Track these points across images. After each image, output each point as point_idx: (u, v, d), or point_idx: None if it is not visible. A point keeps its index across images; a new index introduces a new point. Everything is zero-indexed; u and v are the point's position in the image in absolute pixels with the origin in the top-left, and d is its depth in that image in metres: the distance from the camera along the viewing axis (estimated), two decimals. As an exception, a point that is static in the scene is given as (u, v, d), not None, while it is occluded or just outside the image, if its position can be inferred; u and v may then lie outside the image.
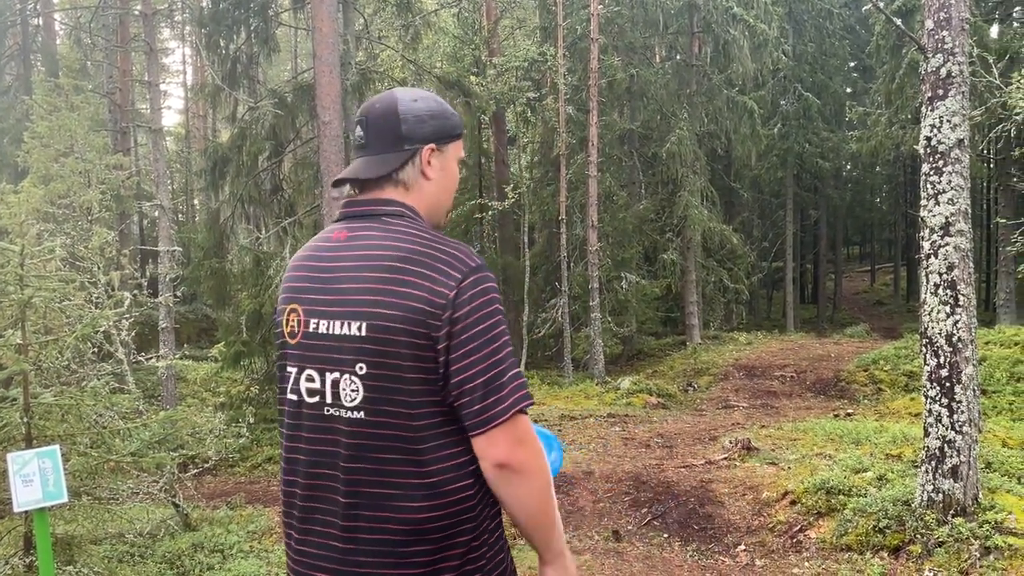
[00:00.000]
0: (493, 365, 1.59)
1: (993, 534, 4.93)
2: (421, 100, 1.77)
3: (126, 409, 5.93)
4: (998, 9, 19.94)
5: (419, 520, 1.59)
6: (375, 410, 1.58)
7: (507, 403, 1.58)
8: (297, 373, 1.69)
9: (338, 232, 1.72)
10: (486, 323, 1.59)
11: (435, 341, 1.56)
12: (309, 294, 1.69)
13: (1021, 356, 11.97)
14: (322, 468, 1.65)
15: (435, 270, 1.59)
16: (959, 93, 5.24)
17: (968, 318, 5.25)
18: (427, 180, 1.76)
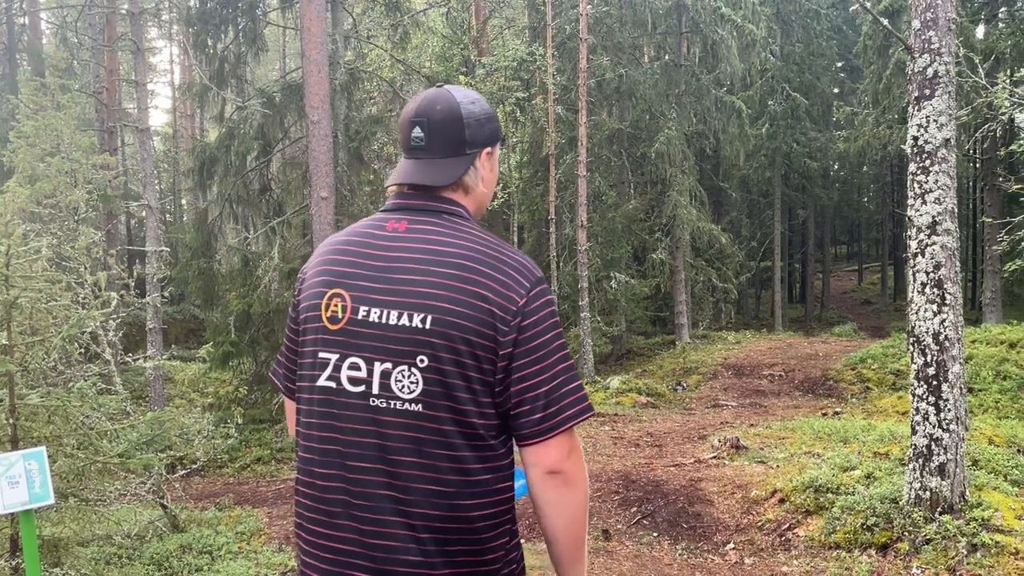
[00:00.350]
0: (559, 374, 1.62)
1: (980, 531, 4.96)
2: (477, 102, 1.77)
3: (113, 410, 5.90)
4: (984, 10, 20.07)
5: (470, 519, 1.60)
6: (434, 404, 1.57)
7: (570, 412, 1.62)
8: (338, 360, 1.65)
9: (394, 223, 1.70)
10: (552, 332, 1.62)
11: (499, 345, 1.57)
12: (358, 280, 1.66)
13: (1007, 354, 12.06)
14: (363, 461, 1.61)
15: (506, 275, 1.61)
16: (946, 93, 5.27)
17: (955, 317, 5.29)
18: (483, 183, 1.79)
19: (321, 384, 1.67)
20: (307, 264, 1.81)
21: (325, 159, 11.56)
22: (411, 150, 1.76)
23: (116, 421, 5.92)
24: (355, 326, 1.63)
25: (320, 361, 1.67)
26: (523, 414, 1.60)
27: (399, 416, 1.58)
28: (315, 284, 1.72)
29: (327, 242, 1.80)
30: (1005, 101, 9.67)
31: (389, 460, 1.58)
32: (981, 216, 22.28)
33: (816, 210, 31.55)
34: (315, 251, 1.82)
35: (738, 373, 15.17)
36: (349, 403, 1.63)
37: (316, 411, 1.68)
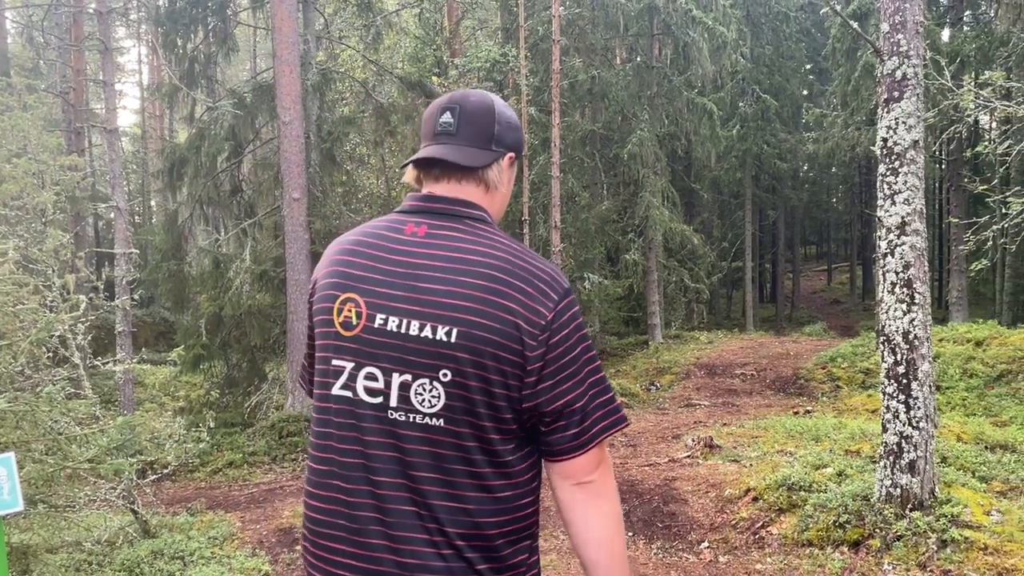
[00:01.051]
0: (592, 387, 1.58)
1: (950, 527, 5.03)
2: (508, 109, 1.73)
3: (82, 415, 5.81)
4: (949, 13, 20.40)
5: (491, 536, 1.55)
6: (457, 419, 1.52)
7: (604, 424, 1.59)
8: (354, 368, 1.58)
9: (413, 226, 1.63)
10: (581, 346, 1.58)
11: (527, 361, 1.52)
12: (375, 286, 1.58)
13: (973, 353, 12.26)
14: (387, 476, 1.55)
15: (534, 287, 1.55)
16: (914, 95, 5.35)
17: (924, 316, 5.36)
18: (503, 186, 1.73)
19: (337, 393, 1.60)
20: (318, 266, 1.75)
21: (297, 160, 11.48)
22: (436, 135, 1.68)
23: (85, 426, 5.83)
24: (371, 334, 1.56)
25: (334, 368, 1.61)
26: (558, 430, 1.56)
27: (419, 431, 1.53)
28: (326, 286, 1.65)
29: (337, 242, 1.73)
30: (970, 103, 9.83)
31: (409, 475, 1.53)
32: (947, 217, 22.61)
33: (786, 211, 31.90)
34: (326, 251, 1.75)
35: (711, 373, 15.28)
36: (368, 415, 1.57)
37: (335, 421, 1.61)
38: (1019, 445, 7.51)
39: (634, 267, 18.93)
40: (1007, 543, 4.88)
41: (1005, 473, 6.55)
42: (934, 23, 18.55)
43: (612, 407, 1.61)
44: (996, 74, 9.84)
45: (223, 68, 18.01)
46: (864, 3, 18.70)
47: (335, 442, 1.60)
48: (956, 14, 20.45)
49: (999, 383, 11.33)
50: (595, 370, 1.59)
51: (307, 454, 1.72)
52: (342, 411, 1.59)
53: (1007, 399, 10.82)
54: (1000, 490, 6.22)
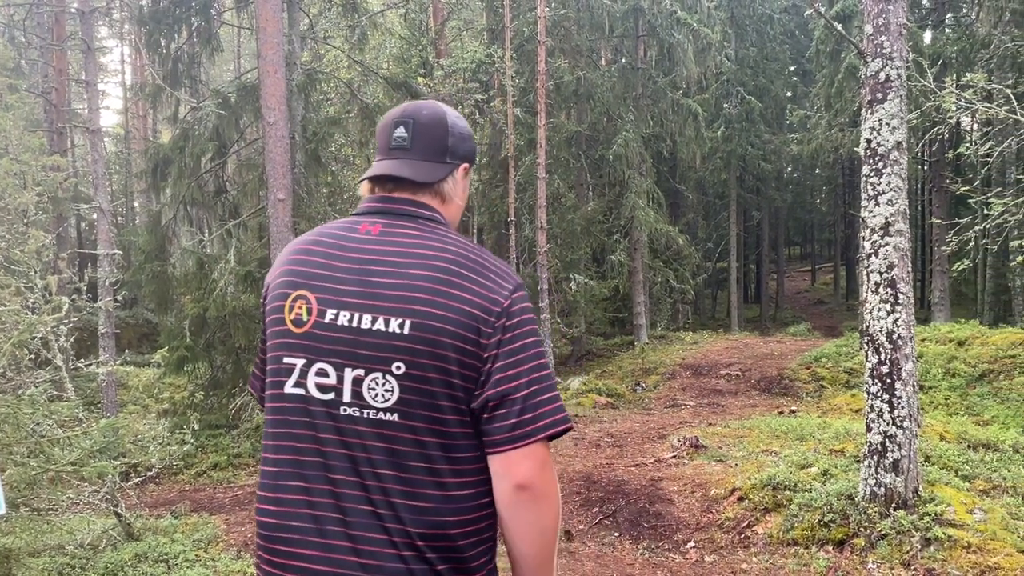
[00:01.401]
0: (538, 380, 1.55)
1: (933, 526, 5.07)
2: (462, 119, 1.76)
3: (65, 417, 5.76)
4: (931, 15, 20.57)
5: (452, 536, 1.52)
6: (411, 413, 1.50)
7: (545, 422, 1.54)
8: (305, 365, 1.56)
9: (367, 225, 1.64)
10: (532, 338, 1.57)
11: (483, 348, 1.52)
12: (327, 282, 1.58)
13: (955, 352, 12.36)
14: (341, 474, 1.52)
15: (488, 278, 1.57)
16: (897, 96, 5.38)
17: (908, 316, 5.40)
18: (457, 197, 1.75)
19: (289, 391, 1.58)
20: (272, 268, 1.75)
21: (282, 161, 11.43)
22: (391, 150, 1.69)
23: (68, 428, 5.78)
24: (322, 329, 1.55)
25: (285, 367, 1.59)
26: (497, 418, 1.52)
27: (374, 426, 1.51)
28: (279, 286, 1.65)
29: (292, 243, 1.73)
30: (952, 105, 9.92)
31: (366, 473, 1.51)
32: (930, 218, 22.80)
33: (770, 212, 32.05)
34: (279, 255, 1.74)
35: (696, 373, 15.33)
36: (321, 412, 1.54)
37: (290, 420, 1.58)
38: (1001, 444, 7.57)
39: (620, 268, 18.97)
40: (990, 541, 4.92)
41: (988, 472, 6.60)
42: (916, 25, 18.70)
43: (555, 406, 1.56)
44: (978, 76, 9.94)
45: (207, 68, 17.91)
46: (848, 5, 18.82)
47: (292, 441, 1.57)
48: (938, 16, 20.62)
49: (981, 382, 11.42)
50: (542, 366, 1.57)
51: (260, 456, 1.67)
52: (296, 409, 1.57)
53: (989, 398, 10.91)
54: (983, 489, 6.27)
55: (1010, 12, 15.90)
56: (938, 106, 10.10)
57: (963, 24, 20.40)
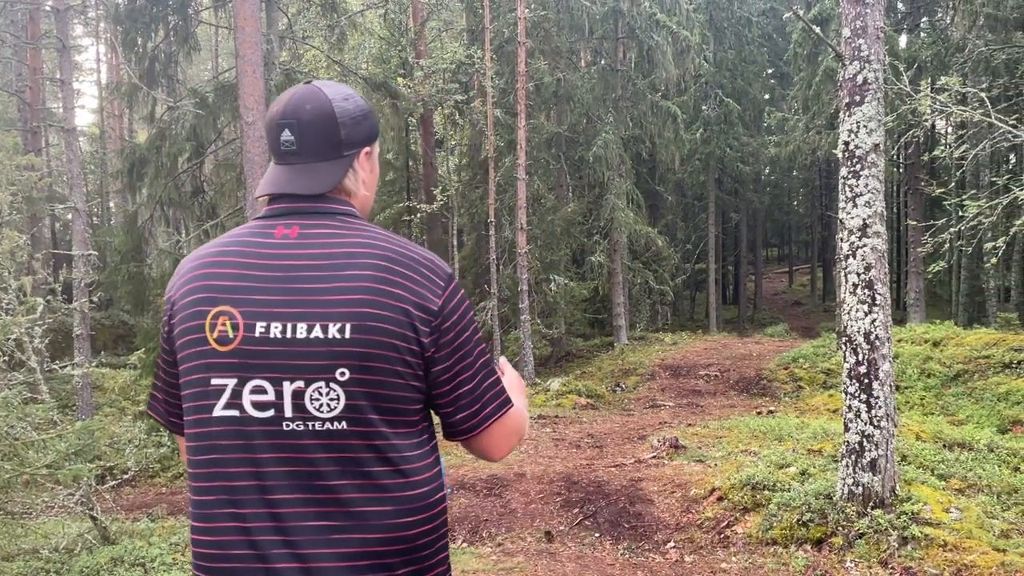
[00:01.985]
0: (480, 370, 1.58)
1: (910, 525, 5.12)
2: (350, 98, 1.60)
3: (40, 419, 5.70)
4: (906, 19, 20.79)
5: (412, 537, 1.50)
6: (361, 419, 1.45)
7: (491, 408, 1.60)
8: (237, 385, 1.47)
9: (283, 228, 1.53)
10: (470, 330, 1.57)
11: (423, 348, 1.48)
12: (250, 294, 1.48)
13: (931, 353, 12.49)
14: (284, 493, 1.45)
15: (420, 275, 1.51)
16: (875, 99, 5.43)
17: (885, 316, 5.45)
18: (364, 185, 1.64)
19: (220, 415, 1.48)
20: (171, 284, 1.60)
21: (260, 161, 11.35)
22: (282, 155, 1.57)
23: (43, 431, 5.71)
24: (253, 345, 1.46)
25: (213, 389, 1.48)
26: (450, 415, 1.57)
27: (321, 438, 1.45)
28: (190, 304, 1.52)
29: (193, 257, 1.59)
30: (927, 108, 10.02)
31: (316, 487, 1.45)
32: (905, 219, 23.04)
33: (748, 213, 32.27)
34: (178, 270, 1.61)
35: (675, 374, 15.39)
36: (261, 431, 1.46)
37: (220, 444, 1.49)
38: (976, 443, 7.66)
39: (599, 269, 19.02)
40: (966, 540, 4.98)
41: (963, 471, 6.68)
42: (892, 29, 18.90)
43: (499, 390, 1.62)
44: (952, 80, 10.05)
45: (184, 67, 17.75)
46: (825, 8, 18.99)
47: (222, 467, 1.48)
48: (913, 20, 20.85)
49: (956, 383, 11.55)
50: (482, 353, 1.59)
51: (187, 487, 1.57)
52: (228, 432, 1.48)
53: (963, 398, 11.04)
54: (958, 487, 6.33)
55: (984, 17, 16.11)
56: (914, 109, 10.20)
57: (938, 28, 20.64)
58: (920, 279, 19.75)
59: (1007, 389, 10.64)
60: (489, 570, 5.62)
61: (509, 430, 1.65)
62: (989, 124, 9.44)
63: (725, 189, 29.90)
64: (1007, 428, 9.77)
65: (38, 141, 19.59)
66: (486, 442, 1.62)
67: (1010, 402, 10.39)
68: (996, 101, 12.05)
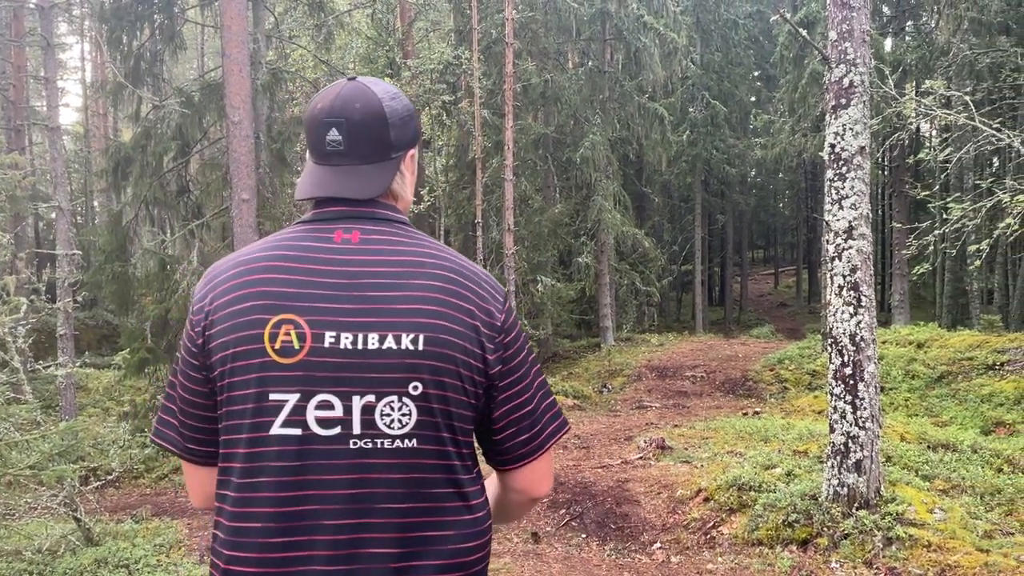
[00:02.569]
0: (539, 389, 1.53)
1: (895, 525, 5.15)
2: (397, 97, 1.51)
3: (23, 420, 5.65)
4: (892, 23, 20.93)
5: (471, 563, 1.44)
6: (430, 437, 1.38)
7: (552, 428, 1.55)
8: (300, 400, 1.36)
9: (342, 233, 1.44)
10: (527, 349, 1.52)
11: (487, 365, 1.42)
12: (316, 302, 1.38)
13: (915, 354, 12.57)
14: (355, 518, 1.36)
15: (484, 289, 1.47)
16: (860, 102, 5.46)
17: (870, 318, 5.48)
18: (407, 188, 1.56)
19: (278, 433, 1.36)
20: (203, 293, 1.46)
21: (246, 160, 11.30)
22: (326, 156, 1.47)
23: (26, 431, 5.67)
24: (322, 356, 1.36)
25: (271, 405, 1.36)
26: (508, 437, 1.50)
27: (391, 456, 1.37)
28: (243, 312, 1.39)
29: (233, 263, 1.46)
30: (912, 111, 10.09)
31: (388, 510, 1.37)
32: (890, 222, 23.19)
33: (734, 215, 32.40)
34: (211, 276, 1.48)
35: (661, 375, 15.43)
36: (325, 450, 1.36)
37: (270, 467, 1.36)
38: (960, 444, 7.71)
39: (586, 270, 19.05)
40: (949, 540, 5.01)
41: (947, 472, 6.72)
42: (877, 32, 19.01)
43: (557, 410, 1.57)
44: (937, 83, 10.12)
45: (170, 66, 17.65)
46: (812, 12, 19.07)
47: (268, 492, 1.37)
48: (899, 24, 20.99)
49: (940, 384, 11.63)
50: (539, 373, 1.54)
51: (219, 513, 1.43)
52: (284, 453, 1.36)
53: (947, 400, 11.11)
54: (942, 488, 6.38)
55: (968, 21, 16.23)
56: (899, 112, 10.27)
57: (923, 32, 20.80)
58: (905, 281, 19.87)
59: (990, 391, 10.72)
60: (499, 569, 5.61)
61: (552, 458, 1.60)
62: (973, 128, 9.51)
63: (711, 191, 30.01)
64: (990, 429, 9.85)
65: (22, 139, 19.44)
66: (538, 468, 1.55)
67: (993, 403, 10.47)
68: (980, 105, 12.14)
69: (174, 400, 1.51)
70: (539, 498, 1.59)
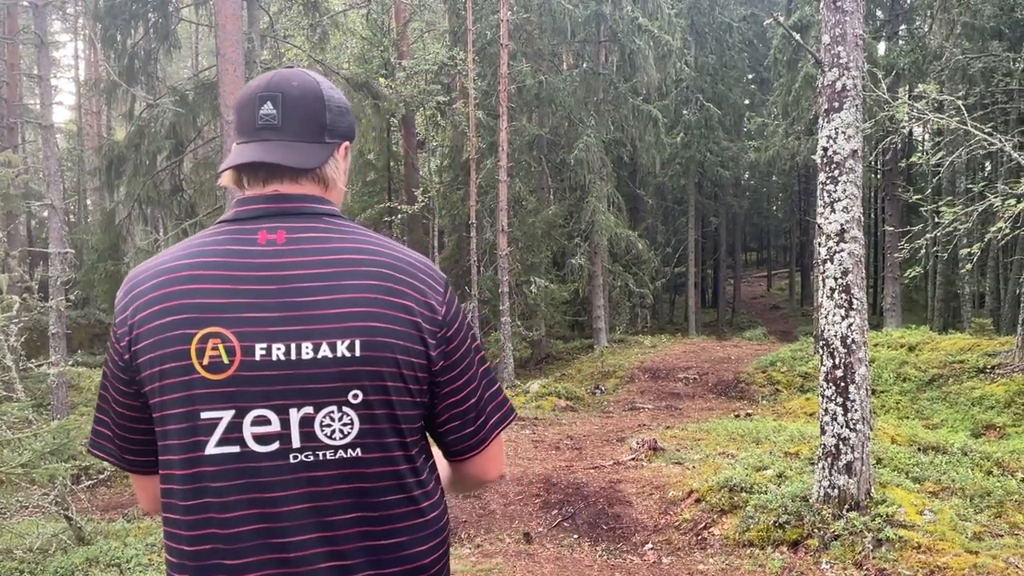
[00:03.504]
0: (483, 378, 1.49)
1: (885, 527, 5.17)
2: (335, 90, 1.46)
3: (15, 419, 5.64)
4: (885, 27, 21.03)
5: (427, 565, 1.41)
6: (375, 444, 1.34)
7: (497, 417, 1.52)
8: (235, 417, 1.29)
9: (266, 233, 1.35)
10: (470, 339, 1.47)
11: (431, 361, 1.37)
12: (243, 312, 1.30)
13: (906, 357, 12.63)
14: (295, 535, 1.31)
15: (421, 280, 1.39)
16: (853, 106, 5.49)
17: (861, 321, 5.51)
18: (340, 181, 1.48)
19: (214, 453, 1.30)
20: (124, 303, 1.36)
21: (241, 160, 11.31)
22: (257, 131, 1.38)
23: (17, 430, 5.66)
24: (253, 370, 1.29)
25: (204, 424, 1.29)
26: (453, 431, 1.46)
27: (334, 468, 1.32)
28: (166, 327, 1.30)
29: (152, 271, 1.36)
30: (905, 115, 10.15)
31: (330, 524, 1.32)
32: (882, 225, 23.28)
33: (728, 217, 32.48)
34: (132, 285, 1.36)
35: (654, 376, 15.45)
36: (264, 467, 1.30)
37: (212, 487, 1.30)
38: (950, 447, 7.75)
39: (580, 271, 19.08)
40: (939, 542, 5.04)
41: (937, 474, 6.76)
42: (871, 36, 19.09)
43: (501, 399, 1.53)
44: (930, 87, 10.18)
45: (164, 65, 17.63)
46: (805, 16, 19.16)
47: (219, 512, 1.31)
48: (892, 28, 21.09)
49: (931, 387, 11.69)
50: (482, 361, 1.49)
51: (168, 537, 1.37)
52: (226, 472, 1.30)
53: (938, 402, 11.17)
54: (932, 490, 6.41)
55: (961, 25, 16.32)
56: (891, 116, 10.33)
57: (916, 36, 20.88)
58: (897, 284, 19.96)
59: (981, 394, 10.78)
60: (468, 571, 5.62)
61: (502, 443, 1.56)
62: (965, 132, 9.57)
63: (705, 193, 30.08)
64: (980, 432, 9.90)
65: (14, 137, 19.40)
66: (489, 455, 1.52)
67: (984, 406, 10.53)
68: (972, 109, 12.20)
69: (107, 412, 1.44)
70: (492, 481, 1.58)
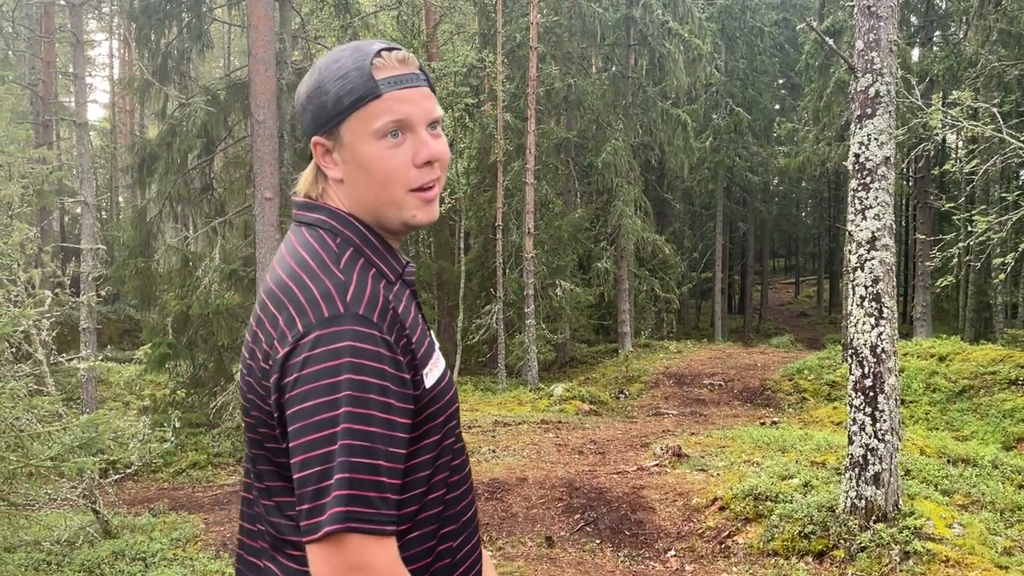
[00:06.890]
0: (320, 454, 1.13)
1: (912, 539, 5.10)
2: (307, 77, 1.29)
3: (45, 412, 5.71)
4: (920, 33, 20.77)
5: None
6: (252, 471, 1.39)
7: (326, 515, 1.11)
8: None
9: None
10: (320, 398, 1.13)
11: (273, 408, 1.21)
12: None
13: (936, 368, 12.45)
14: None
15: (285, 313, 1.19)
16: (886, 112, 5.43)
17: (891, 330, 5.44)
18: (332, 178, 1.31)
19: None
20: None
21: (270, 159, 11.38)
22: None
23: (47, 423, 5.73)
24: None
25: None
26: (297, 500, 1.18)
27: None
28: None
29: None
30: (939, 122, 10.01)
31: None
32: (914, 233, 22.99)
33: (756, 223, 32.24)
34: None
35: (679, 382, 15.36)
36: None
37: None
38: (980, 459, 7.63)
39: (605, 275, 19.02)
40: (968, 556, 4.96)
41: (967, 487, 6.65)
42: (904, 42, 18.88)
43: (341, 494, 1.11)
44: (964, 94, 10.05)
45: (197, 64, 17.82)
46: (838, 20, 18.98)
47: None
48: (926, 34, 20.83)
49: (961, 398, 11.51)
50: (331, 436, 1.12)
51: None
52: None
53: (969, 414, 11.00)
54: (962, 503, 6.31)
55: (997, 32, 16.08)
56: (925, 123, 10.20)
57: (951, 43, 20.60)
58: (927, 293, 19.69)
59: (1012, 406, 10.60)
60: (489, 574, 5.61)
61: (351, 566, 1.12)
62: (1000, 140, 9.42)
63: (733, 198, 29.89)
64: (1012, 445, 9.73)
65: (49, 135, 19.69)
66: (321, 555, 1.13)
67: (1015, 419, 10.35)
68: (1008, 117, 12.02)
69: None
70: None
